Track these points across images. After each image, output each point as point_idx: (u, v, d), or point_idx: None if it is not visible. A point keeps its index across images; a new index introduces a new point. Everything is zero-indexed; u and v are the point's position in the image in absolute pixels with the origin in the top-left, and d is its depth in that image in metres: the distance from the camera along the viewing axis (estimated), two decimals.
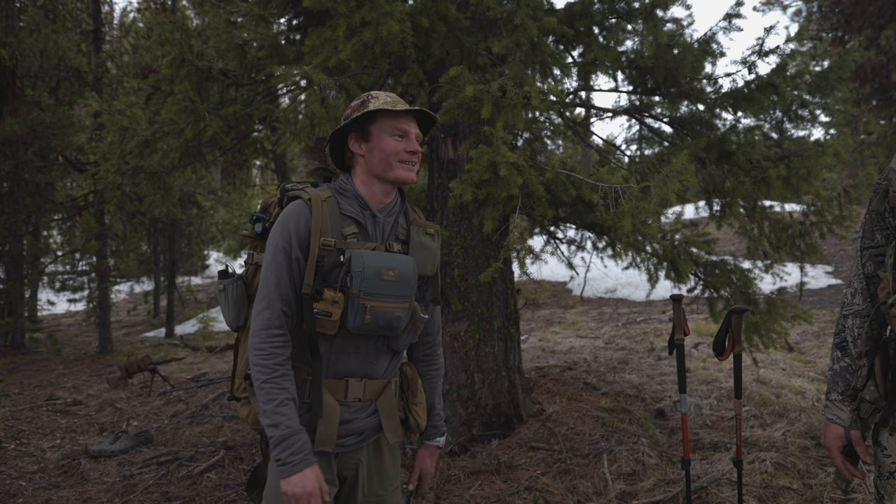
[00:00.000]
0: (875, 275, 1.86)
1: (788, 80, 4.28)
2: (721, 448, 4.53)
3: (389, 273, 1.81)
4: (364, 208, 1.91)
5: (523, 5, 3.40)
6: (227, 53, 4.67)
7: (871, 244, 1.86)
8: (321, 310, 1.78)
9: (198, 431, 5.44)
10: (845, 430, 1.86)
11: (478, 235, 4.54)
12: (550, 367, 6.86)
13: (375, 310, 1.80)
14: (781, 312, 4.68)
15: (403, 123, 1.90)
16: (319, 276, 1.80)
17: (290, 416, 1.73)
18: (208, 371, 8.19)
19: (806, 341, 8.09)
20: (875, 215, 1.84)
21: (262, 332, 1.77)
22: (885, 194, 1.78)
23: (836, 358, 1.94)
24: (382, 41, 3.58)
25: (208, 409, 6.15)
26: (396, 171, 1.89)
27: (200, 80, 4.75)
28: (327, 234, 1.82)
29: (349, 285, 1.78)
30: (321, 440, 1.84)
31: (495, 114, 3.38)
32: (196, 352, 10.20)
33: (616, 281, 12.90)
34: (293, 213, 1.84)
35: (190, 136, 4.66)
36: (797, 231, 4.73)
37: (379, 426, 1.99)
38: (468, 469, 4.23)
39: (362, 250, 1.83)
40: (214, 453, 4.78)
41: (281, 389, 1.74)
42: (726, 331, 2.94)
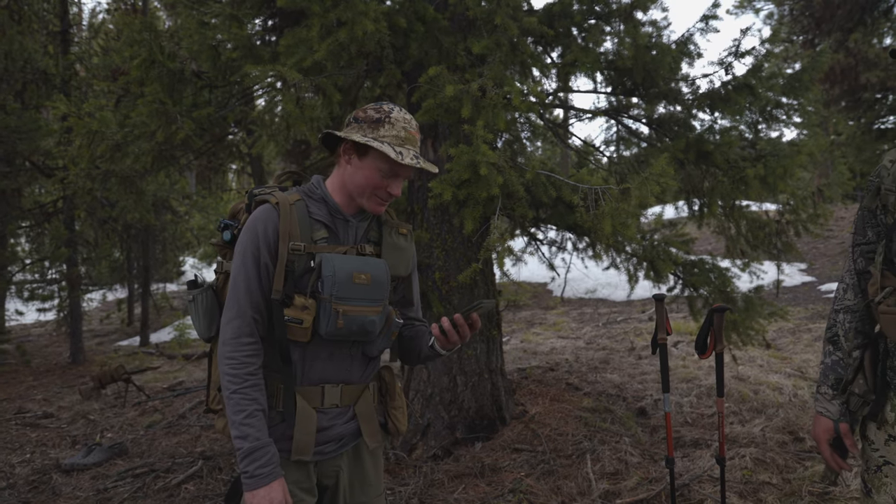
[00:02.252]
0: (866, 271, 1.86)
1: (763, 82, 4.32)
2: (702, 445, 4.56)
3: (361, 277, 1.77)
4: (335, 212, 1.86)
5: (503, 5, 3.39)
6: (200, 55, 4.59)
7: (863, 241, 1.87)
8: (292, 317, 1.73)
9: (174, 442, 5.33)
10: (834, 423, 1.86)
11: (458, 237, 4.51)
12: (532, 368, 6.86)
13: (348, 314, 1.75)
14: (759, 310, 4.72)
15: (400, 168, 1.81)
16: (289, 281, 1.76)
17: (259, 427, 1.69)
18: (185, 380, 8.05)
19: (782, 338, 8.20)
20: (867, 213, 1.84)
21: (232, 341, 1.72)
22: (876, 192, 1.78)
23: (827, 352, 1.95)
24: (358, 41, 3.54)
25: (185, 418, 6.04)
26: (368, 203, 1.84)
27: (172, 81, 4.66)
28: (296, 239, 1.77)
29: (320, 290, 1.73)
30: (298, 449, 1.79)
31: (475, 114, 3.35)
32: (172, 360, 10.04)
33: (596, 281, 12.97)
34: (260, 217, 1.78)
35: (161, 138, 4.56)
36: (773, 230, 4.78)
37: (358, 431, 1.94)
38: (452, 473, 4.19)
39: (333, 254, 1.79)
40: (192, 464, 4.68)
41: (250, 400, 1.70)
42: (708, 330, 2.94)
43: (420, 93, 3.62)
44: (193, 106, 4.77)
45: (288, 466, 1.80)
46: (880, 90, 13.15)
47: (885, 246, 1.66)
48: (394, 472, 4.22)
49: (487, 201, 3.57)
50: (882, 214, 1.76)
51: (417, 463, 4.32)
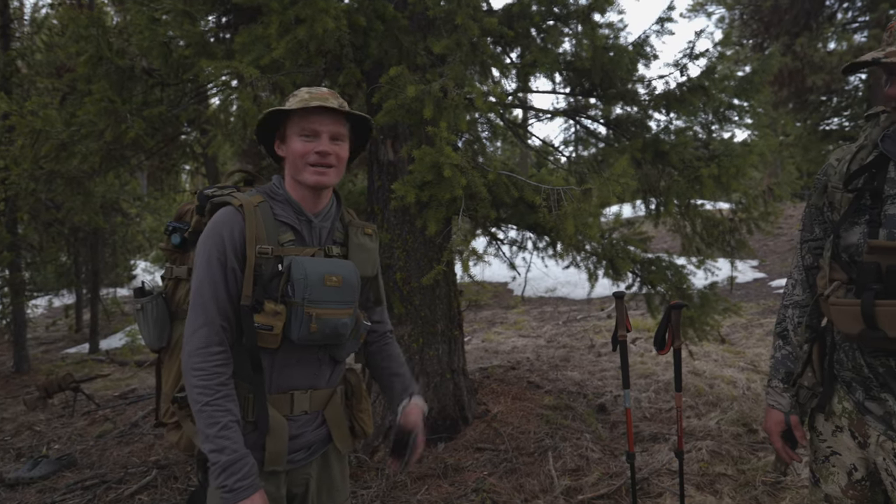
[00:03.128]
0: (814, 266, 1.91)
1: (717, 83, 4.42)
2: (660, 439, 4.64)
3: (333, 279, 1.73)
4: (299, 213, 1.81)
5: (464, 5, 3.38)
6: (151, 52, 4.45)
7: (811, 237, 1.92)
8: (262, 323, 1.67)
9: (127, 451, 5.17)
10: (785, 415, 1.90)
11: (420, 238, 4.49)
12: (494, 367, 6.88)
13: (321, 318, 1.70)
14: (714, 306, 4.82)
15: (314, 122, 1.74)
16: (259, 286, 1.70)
17: (235, 439, 1.62)
18: (138, 387, 7.82)
19: (735, 333, 8.41)
20: (814, 210, 1.89)
21: (201, 351, 1.64)
22: (823, 189, 1.83)
23: (777, 346, 2.00)
24: (318, 39, 3.48)
25: (138, 426, 5.86)
26: (304, 175, 1.76)
27: (121, 79, 4.51)
28: (263, 242, 1.71)
29: (291, 294, 1.68)
30: (271, 459, 1.74)
31: (438, 115, 3.34)
32: (124, 367, 9.74)
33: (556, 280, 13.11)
34: (224, 220, 1.71)
35: (110, 138, 4.42)
36: (727, 227, 4.90)
37: (328, 438, 1.91)
38: (414, 474, 4.17)
39: (302, 257, 1.74)
40: (146, 473, 4.54)
41: (224, 412, 1.62)
42: (666, 326, 2.98)
43: (381, 93, 3.58)
44: (144, 104, 4.63)
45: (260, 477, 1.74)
46: (825, 93, 13.62)
47: (832, 242, 1.70)
48: (356, 476, 4.18)
49: (450, 202, 3.55)
50: (829, 212, 1.80)
51: (380, 465, 4.28)
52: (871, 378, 1.68)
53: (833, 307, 1.62)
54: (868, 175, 1.66)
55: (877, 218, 1.60)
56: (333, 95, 1.80)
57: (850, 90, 16.09)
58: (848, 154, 1.77)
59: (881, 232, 1.58)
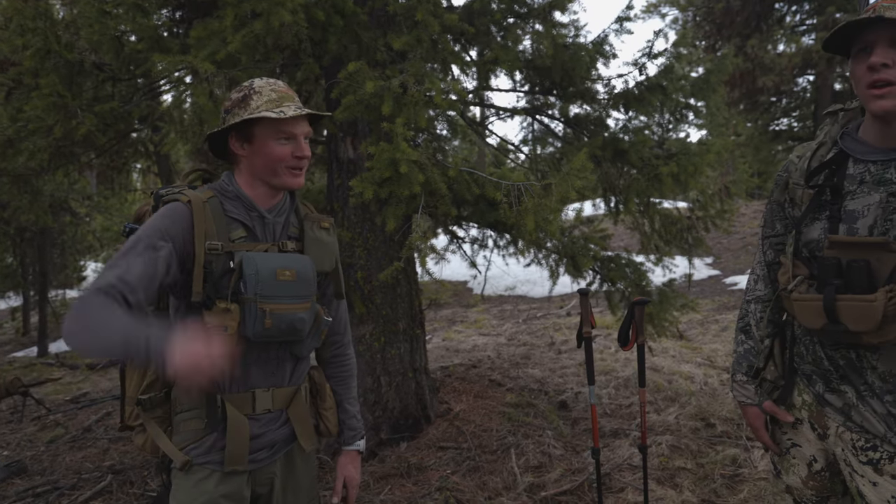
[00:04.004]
0: (776, 262, 1.93)
1: (675, 82, 4.48)
2: (621, 435, 4.69)
3: (286, 273, 1.69)
4: (250, 209, 1.77)
5: (424, 1, 3.35)
6: (102, 46, 4.32)
7: (772, 233, 1.94)
8: (214, 324, 1.62)
9: (80, 457, 5.01)
10: (759, 406, 1.91)
11: (380, 236, 4.45)
12: (455, 366, 6.87)
13: (275, 313, 1.66)
14: (672, 302, 4.90)
15: (289, 126, 1.72)
16: (209, 283, 1.65)
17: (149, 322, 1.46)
18: (90, 391, 7.60)
19: (692, 329, 8.57)
20: (776, 206, 1.91)
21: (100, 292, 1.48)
22: (785, 186, 1.85)
23: (740, 341, 2.02)
24: (275, 33, 3.42)
25: (91, 431, 5.69)
26: (283, 178, 1.75)
27: (70, 73, 4.36)
28: (213, 238, 1.67)
29: (243, 291, 1.64)
30: (231, 459, 1.70)
31: (396, 111, 3.30)
32: (75, 371, 9.45)
33: (515, 278, 13.19)
34: (168, 213, 1.65)
35: (59, 134, 4.26)
36: (685, 225, 4.98)
37: (292, 436, 1.88)
38: (377, 474, 4.14)
39: (253, 252, 1.70)
40: (100, 479, 4.40)
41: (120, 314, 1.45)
42: (630, 322, 3.01)
43: (339, 89, 3.54)
44: (95, 100, 4.49)
45: (221, 479, 1.72)
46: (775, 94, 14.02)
47: (794, 237, 1.73)
48: (318, 477, 4.12)
49: (409, 199, 3.53)
50: (790, 208, 1.82)
51: None
52: (830, 370, 1.71)
53: (796, 302, 1.64)
54: (828, 171, 1.68)
55: (837, 213, 1.62)
56: (290, 91, 1.79)
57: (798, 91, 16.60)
58: (808, 151, 1.78)
59: (841, 227, 1.60)
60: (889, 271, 1.47)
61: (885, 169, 1.56)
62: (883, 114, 1.51)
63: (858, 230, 1.57)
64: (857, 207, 1.58)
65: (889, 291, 1.45)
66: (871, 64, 1.48)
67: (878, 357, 1.57)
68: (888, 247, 1.47)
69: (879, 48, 1.48)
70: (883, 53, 1.47)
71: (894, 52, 1.47)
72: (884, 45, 1.47)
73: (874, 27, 1.48)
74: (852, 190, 1.61)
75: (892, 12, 1.43)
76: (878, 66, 1.47)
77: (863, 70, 1.52)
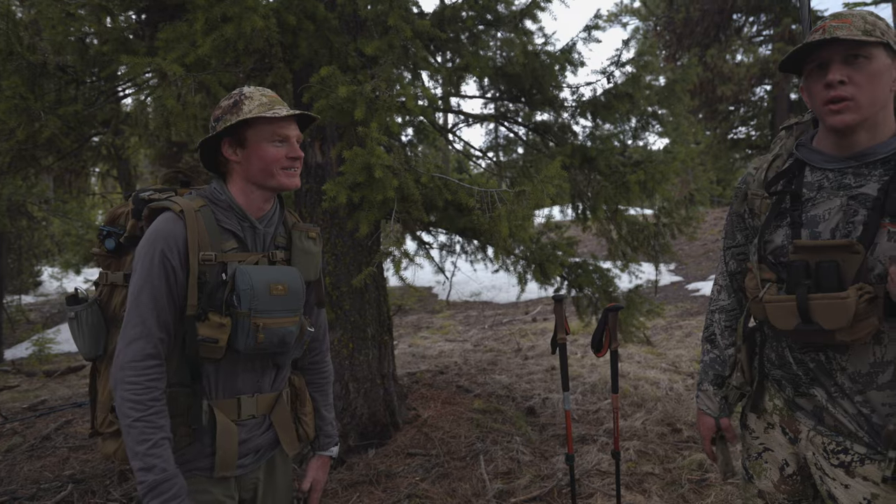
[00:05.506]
0: (738, 272, 2.00)
1: (642, 91, 4.56)
2: (589, 440, 4.72)
3: (278, 287, 1.70)
4: (243, 219, 1.76)
5: (395, 7, 3.35)
6: (65, 48, 4.22)
7: (733, 244, 2.00)
8: (207, 336, 1.62)
9: (39, 466, 4.86)
10: (715, 419, 1.96)
11: (349, 241, 4.43)
12: (423, 372, 6.86)
13: (268, 328, 1.68)
14: (639, 308, 4.97)
15: (283, 128, 1.75)
16: (203, 295, 1.64)
17: (166, 457, 1.56)
18: (48, 398, 7.37)
19: (657, 335, 8.68)
20: (736, 217, 1.97)
21: (135, 364, 1.57)
22: (744, 197, 1.91)
23: (705, 351, 2.06)
24: (246, 37, 3.39)
25: (50, 439, 5.52)
26: (279, 179, 1.76)
27: (33, 75, 4.24)
28: (206, 249, 1.66)
29: (237, 305, 1.64)
30: (222, 465, 1.70)
31: (369, 116, 3.30)
32: (32, 378, 9.16)
33: (481, 284, 13.21)
34: (165, 226, 1.64)
35: (22, 137, 4.16)
36: (651, 232, 5.06)
37: (275, 441, 1.88)
38: (346, 482, 4.10)
39: (246, 265, 1.70)
40: (60, 488, 4.28)
41: (155, 428, 1.56)
42: (603, 328, 3.04)
43: (311, 93, 3.51)
44: (58, 102, 4.38)
45: (210, 485, 1.71)
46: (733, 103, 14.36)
47: (757, 245, 1.78)
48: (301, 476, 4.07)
49: (382, 204, 3.52)
50: (750, 218, 1.88)
51: None
52: (799, 375, 1.75)
53: (768, 305, 1.68)
54: (786, 180, 1.76)
55: (798, 219, 1.68)
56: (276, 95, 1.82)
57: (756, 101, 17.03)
58: (764, 163, 1.86)
59: (803, 232, 1.67)
60: (855, 271, 1.53)
61: (842, 175, 1.64)
62: (842, 128, 1.59)
63: (821, 234, 1.63)
64: (819, 212, 1.65)
65: (860, 289, 1.50)
66: (828, 81, 1.56)
67: (847, 358, 1.62)
68: (852, 248, 1.54)
69: (835, 66, 1.56)
70: (838, 71, 1.55)
71: (848, 68, 1.55)
72: (838, 62, 1.56)
73: (828, 46, 1.57)
74: (812, 196, 1.68)
75: (843, 31, 1.52)
76: (835, 83, 1.55)
77: (819, 87, 1.60)
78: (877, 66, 1.54)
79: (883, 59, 1.55)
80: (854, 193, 1.60)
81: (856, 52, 1.54)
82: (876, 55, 1.54)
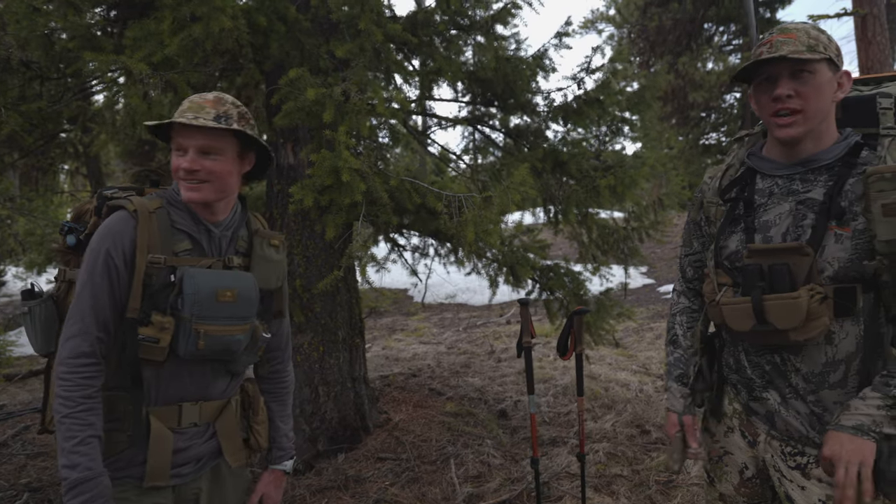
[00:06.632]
0: (696, 278, 2.07)
1: (612, 97, 4.61)
2: (559, 443, 4.74)
3: (227, 294, 1.66)
4: (198, 222, 1.73)
5: (367, 10, 3.34)
6: (30, 43, 4.13)
7: (690, 252, 2.07)
8: (147, 335, 1.59)
9: None
10: (678, 415, 1.99)
11: (320, 244, 4.40)
12: (395, 375, 6.84)
13: (210, 335, 1.63)
14: (609, 311, 5.00)
15: (180, 136, 1.69)
16: (147, 297, 1.61)
17: (91, 456, 1.52)
18: (6, 403, 7.20)
19: (628, 337, 8.77)
20: (693, 225, 2.04)
21: (70, 361, 1.55)
22: (700, 205, 1.99)
23: (669, 352, 2.11)
24: (214, 37, 3.34)
25: (7, 446, 5.39)
26: (182, 192, 1.71)
27: None
28: (156, 251, 1.63)
29: (180, 308, 1.60)
30: (152, 474, 1.65)
31: (338, 119, 3.28)
32: None
33: (456, 287, 13.21)
34: (115, 225, 1.62)
35: None
36: (621, 236, 5.11)
37: (218, 451, 1.83)
38: (314, 487, 4.06)
39: (196, 269, 1.66)
40: (16, 497, 4.17)
41: (84, 426, 1.53)
42: (569, 332, 3.06)
43: (280, 95, 3.49)
44: (21, 99, 4.30)
45: (140, 493, 1.66)
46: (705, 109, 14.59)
47: (714, 251, 1.84)
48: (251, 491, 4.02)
49: (350, 207, 3.50)
50: (706, 225, 1.95)
51: None
52: (753, 379, 1.80)
53: (725, 307, 1.73)
54: (739, 187, 1.83)
55: (751, 225, 1.76)
56: (217, 103, 1.71)
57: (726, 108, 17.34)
58: (718, 172, 1.94)
59: (757, 237, 1.74)
60: (806, 272, 1.60)
61: (791, 181, 1.72)
62: (789, 140, 1.67)
63: (773, 238, 1.70)
64: (770, 217, 1.73)
65: (811, 289, 1.57)
66: (776, 95, 1.64)
67: (800, 358, 1.67)
68: (802, 250, 1.61)
69: (783, 81, 1.64)
70: (786, 85, 1.63)
71: (794, 82, 1.63)
72: (786, 77, 1.64)
73: (776, 62, 1.64)
74: (763, 202, 1.76)
75: (789, 47, 1.60)
76: (783, 97, 1.64)
77: (767, 98, 1.68)
78: (820, 80, 1.62)
79: (826, 72, 1.63)
80: (802, 198, 1.68)
81: (801, 67, 1.62)
82: (820, 70, 1.62)
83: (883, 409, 1.53)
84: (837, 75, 1.66)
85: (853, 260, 1.57)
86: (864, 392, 1.57)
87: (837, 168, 1.65)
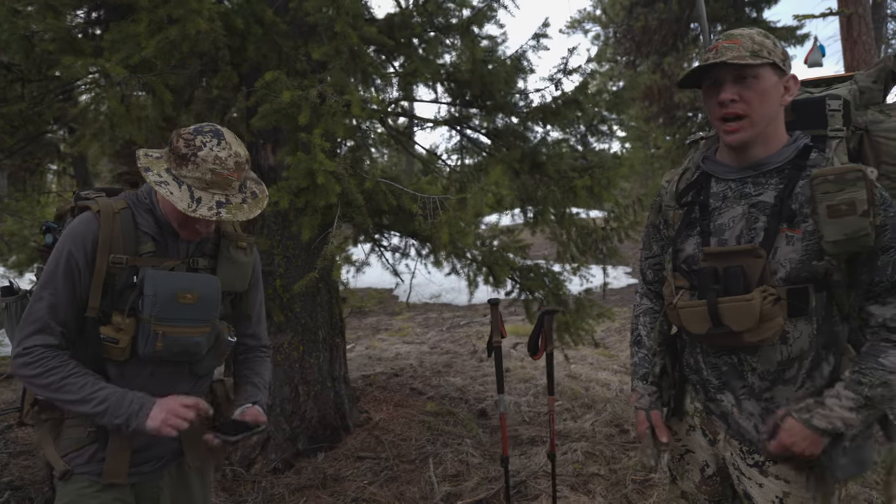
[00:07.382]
0: (656, 281, 2.10)
1: (590, 98, 4.65)
2: (538, 442, 4.79)
3: (187, 296, 1.68)
4: (163, 224, 1.75)
5: (343, 13, 3.37)
6: (11, 45, 4.14)
7: (650, 255, 2.09)
8: (108, 336, 1.63)
9: None
10: (646, 412, 2.03)
11: (299, 244, 4.42)
12: (377, 374, 6.87)
13: (169, 336, 1.66)
14: (588, 311, 5.04)
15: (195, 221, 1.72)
16: (108, 297, 1.64)
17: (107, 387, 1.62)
18: None
19: (610, 337, 8.82)
20: (652, 228, 2.06)
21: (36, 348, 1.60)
22: (658, 209, 2.01)
23: (633, 352, 2.14)
24: (191, 39, 3.36)
25: None
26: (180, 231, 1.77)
27: None
28: (118, 251, 1.65)
29: (140, 309, 1.64)
30: (110, 472, 1.69)
31: (314, 121, 3.31)
32: None
33: (440, 286, 13.24)
34: (78, 226, 1.66)
35: None
36: (600, 236, 5.15)
37: (180, 451, 1.86)
38: (293, 486, 4.09)
39: (157, 270, 1.68)
40: None
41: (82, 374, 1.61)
42: (539, 331, 3.10)
43: (257, 97, 3.51)
44: (2, 101, 4.31)
45: (101, 489, 1.70)
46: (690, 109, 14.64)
47: (671, 254, 1.87)
48: (231, 490, 4.05)
49: (326, 209, 3.53)
50: (664, 228, 1.97)
51: (256, 478, 4.17)
52: (709, 380, 1.84)
53: (682, 310, 1.76)
54: (695, 191, 1.86)
55: (707, 228, 1.78)
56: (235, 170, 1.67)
57: None
58: (675, 176, 1.97)
59: (712, 240, 1.76)
60: (759, 274, 1.63)
61: (743, 185, 1.75)
62: (737, 145, 1.70)
63: (728, 241, 1.73)
64: (725, 220, 1.75)
65: (763, 291, 1.60)
66: (720, 100, 1.67)
67: (757, 358, 1.71)
68: (755, 252, 1.64)
69: (727, 86, 1.67)
70: (730, 90, 1.66)
71: (738, 87, 1.66)
72: (730, 81, 1.67)
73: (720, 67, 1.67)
74: (718, 206, 1.78)
75: (732, 53, 1.63)
76: (727, 101, 1.66)
77: (713, 103, 1.71)
78: (765, 85, 1.64)
79: (770, 77, 1.65)
80: (754, 201, 1.71)
81: (744, 72, 1.64)
82: (763, 74, 1.64)
83: (856, 412, 1.55)
84: (784, 79, 1.68)
85: (804, 261, 1.60)
86: (838, 389, 1.59)
87: (787, 171, 1.68)
